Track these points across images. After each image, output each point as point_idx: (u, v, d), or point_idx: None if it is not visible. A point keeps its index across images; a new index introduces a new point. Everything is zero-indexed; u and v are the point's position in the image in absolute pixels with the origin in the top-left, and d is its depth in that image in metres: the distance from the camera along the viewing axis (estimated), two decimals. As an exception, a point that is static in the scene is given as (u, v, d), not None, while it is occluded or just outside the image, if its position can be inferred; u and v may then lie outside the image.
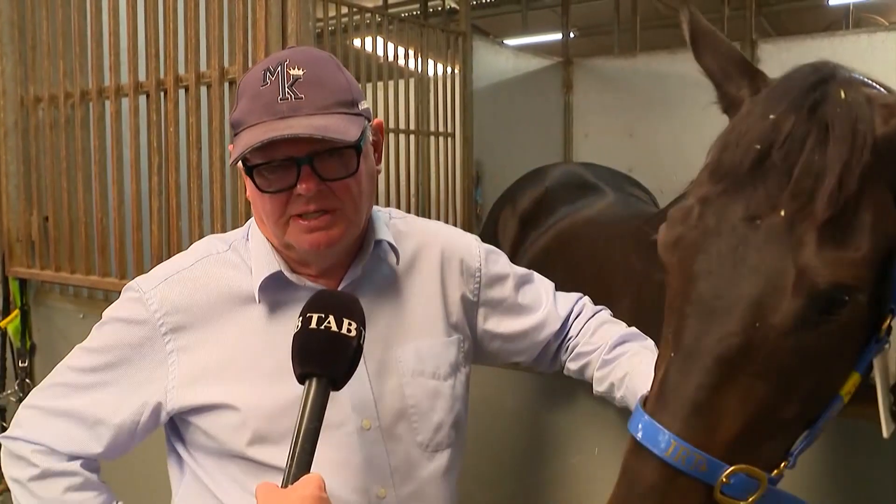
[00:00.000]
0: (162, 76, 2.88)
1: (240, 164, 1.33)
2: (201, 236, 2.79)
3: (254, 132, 1.29)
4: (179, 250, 2.84)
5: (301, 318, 1.23)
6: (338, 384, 1.22)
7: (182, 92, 2.85)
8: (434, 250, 1.56)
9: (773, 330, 1.05)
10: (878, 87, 1.21)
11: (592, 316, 1.68)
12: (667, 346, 1.13)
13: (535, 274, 1.72)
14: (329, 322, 1.20)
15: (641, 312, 1.73)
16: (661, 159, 5.56)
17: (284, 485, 1.13)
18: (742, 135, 1.11)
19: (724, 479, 1.04)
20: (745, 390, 1.06)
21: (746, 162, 1.09)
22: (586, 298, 1.73)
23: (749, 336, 1.05)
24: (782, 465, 1.10)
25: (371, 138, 1.43)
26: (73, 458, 1.44)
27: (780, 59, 5.26)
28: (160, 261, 2.89)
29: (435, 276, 1.54)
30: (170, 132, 2.87)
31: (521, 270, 1.68)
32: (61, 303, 3.41)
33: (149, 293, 1.42)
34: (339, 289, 1.44)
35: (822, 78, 1.13)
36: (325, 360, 1.20)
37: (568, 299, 1.70)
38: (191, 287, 1.43)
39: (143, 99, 2.97)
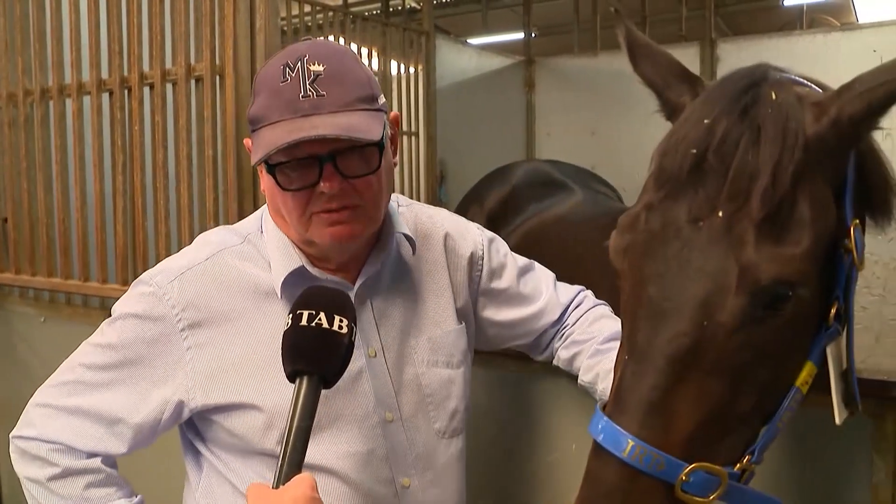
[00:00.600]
0: (126, 73, 2.83)
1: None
2: (168, 237, 2.76)
3: (276, 130, 1.26)
4: (145, 251, 2.83)
5: (291, 316, 1.20)
6: (329, 382, 1.20)
7: (147, 89, 2.80)
8: (438, 238, 1.56)
9: (721, 327, 1.07)
10: (811, 85, 1.24)
11: (591, 308, 1.68)
12: (623, 350, 1.16)
13: (536, 263, 1.72)
14: (320, 319, 1.18)
15: (618, 310, 1.75)
16: (623, 157, 5.60)
17: (276, 485, 1.11)
18: (680, 140, 1.14)
19: (683, 478, 1.06)
20: (698, 388, 1.08)
21: (685, 166, 1.12)
22: (588, 292, 1.73)
23: (698, 335, 1.07)
24: (745, 460, 1.12)
25: (389, 132, 1.40)
26: (92, 455, 1.40)
27: (739, 57, 5.34)
28: (125, 262, 2.87)
29: (441, 264, 1.54)
30: (134, 130, 2.82)
31: (522, 260, 1.69)
32: (21, 306, 3.34)
33: (165, 287, 1.37)
34: (358, 283, 1.42)
35: (754, 81, 1.16)
36: (316, 358, 1.17)
37: (569, 290, 1.70)
38: (208, 281, 1.38)
39: (105, 97, 2.91)
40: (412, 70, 5.39)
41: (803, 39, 5.24)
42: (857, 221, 1.18)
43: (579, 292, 1.71)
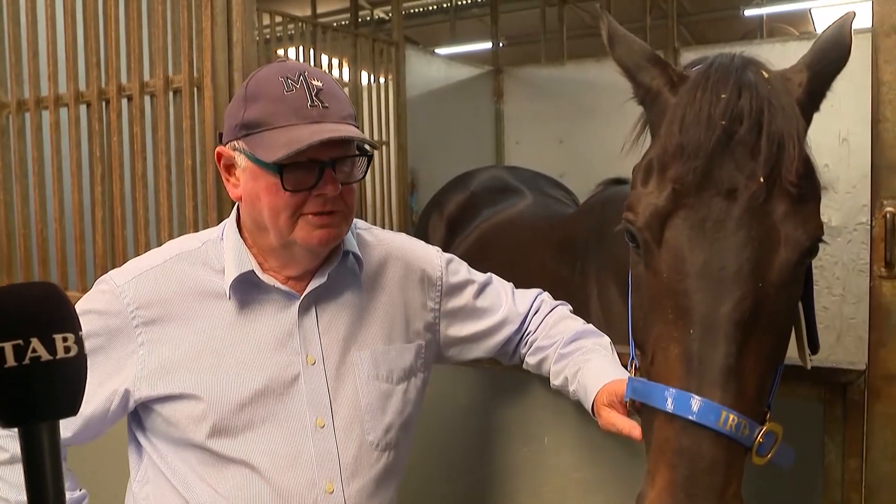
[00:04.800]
0: (104, 86, 2.87)
1: (245, 160, 1.43)
2: (148, 246, 2.80)
3: (291, 133, 1.37)
4: (125, 259, 2.86)
5: None
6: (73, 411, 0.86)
7: (125, 101, 2.84)
8: (397, 261, 1.65)
9: (772, 287, 1.18)
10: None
11: (551, 311, 1.76)
12: (666, 322, 1.21)
13: (495, 276, 1.80)
14: (34, 349, 0.81)
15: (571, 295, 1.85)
16: (591, 164, 5.70)
17: None
18: (700, 113, 1.22)
19: (760, 440, 1.16)
20: (758, 347, 1.17)
21: (713, 138, 1.20)
22: (545, 294, 1.81)
23: (756, 296, 1.16)
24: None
25: None
26: None
27: (701, 66, 5.48)
28: (105, 271, 2.89)
29: (397, 286, 1.63)
30: (113, 142, 2.86)
31: (481, 276, 1.77)
32: None
33: (122, 287, 1.48)
34: (306, 292, 1.51)
35: (744, 61, 1.29)
36: (43, 405, 0.82)
37: (527, 296, 1.78)
38: (162, 283, 1.49)
39: (83, 108, 2.95)
40: (382, 80, 5.46)
41: (762, 48, 5.38)
42: None
43: (537, 297, 1.78)
